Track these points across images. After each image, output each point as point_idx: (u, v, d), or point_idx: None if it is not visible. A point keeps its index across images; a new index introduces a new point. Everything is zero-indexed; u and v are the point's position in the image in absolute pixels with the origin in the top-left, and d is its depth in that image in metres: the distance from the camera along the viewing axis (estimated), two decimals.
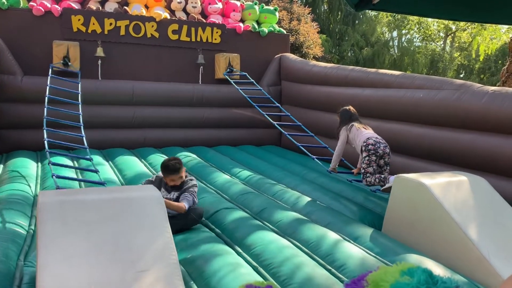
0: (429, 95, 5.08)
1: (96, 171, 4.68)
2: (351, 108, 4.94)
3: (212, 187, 4.95)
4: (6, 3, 6.43)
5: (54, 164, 4.59)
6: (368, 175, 4.46)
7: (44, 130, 5.00)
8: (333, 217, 3.89)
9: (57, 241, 2.42)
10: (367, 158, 4.46)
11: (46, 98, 5.49)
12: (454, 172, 3.92)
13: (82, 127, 5.37)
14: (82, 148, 5.22)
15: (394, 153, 5.42)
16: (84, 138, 5.18)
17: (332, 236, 3.37)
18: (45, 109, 5.33)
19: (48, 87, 5.69)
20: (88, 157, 4.95)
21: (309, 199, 4.43)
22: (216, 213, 3.93)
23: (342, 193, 4.79)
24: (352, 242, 3.38)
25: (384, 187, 4.30)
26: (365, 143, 4.49)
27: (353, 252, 3.09)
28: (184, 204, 3.56)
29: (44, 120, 5.15)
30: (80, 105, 5.75)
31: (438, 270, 2.85)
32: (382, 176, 4.39)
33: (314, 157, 5.41)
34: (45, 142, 4.83)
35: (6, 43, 6.28)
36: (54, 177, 4.18)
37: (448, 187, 3.49)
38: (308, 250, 3.22)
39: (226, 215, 3.81)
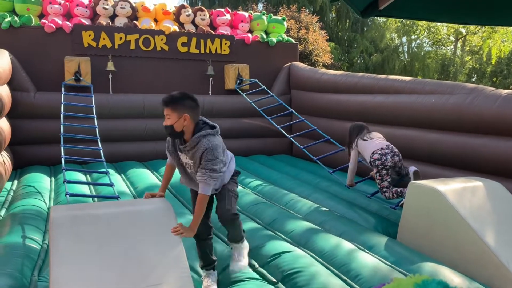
0: (441, 100, 5.02)
1: (111, 185, 4.70)
2: (358, 123, 4.90)
3: None
4: (18, 21, 6.55)
5: (69, 182, 4.62)
6: (385, 189, 4.41)
7: (62, 148, 5.02)
8: (347, 226, 3.84)
9: (69, 256, 2.42)
10: (378, 174, 4.41)
11: (62, 116, 5.53)
12: (469, 177, 3.85)
13: (99, 140, 5.41)
14: (99, 162, 5.26)
15: (407, 159, 5.36)
16: (101, 151, 5.22)
17: (347, 245, 3.33)
18: (61, 126, 5.36)
19: (62, 105, 5.74)
20: (104, 170, 4.98)
21: (322, 208, 4.38)
22: None
23: (356, 202, 4.74)
24: (367, 251, 3.33)
25: (402, 202, 4.22)
26: (372, 159, 4.43)
27: (368, 261, 3.04)
28: (202, 196, 2.69)
29: (62, 137, 5.18)
30: (95, 118, 5.81)
31: (455, 278, 2.79)
32: (399, 189, 4.33)
33: (331, 170, 5.40)
34: (62, 159, 4.85)
35: (19, 60, 6.38)
36: (67, 196, 4.20)
37: (463, 193, 3.42)
38: (322, 260, 3.18)
39: None
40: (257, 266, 3.15)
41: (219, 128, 2.91)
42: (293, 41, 8.93)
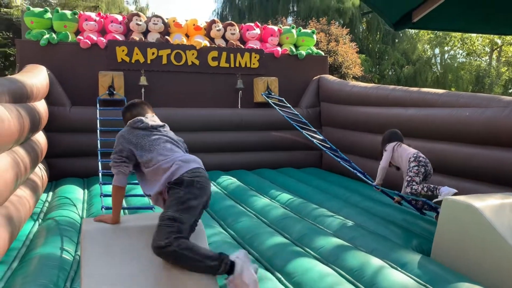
0: (476, 113, 4.87)
1: (146, 195, 4.74)
2: (397, 131, 4.86)
3: (252, 211, 4.92)
4: (56, 38, 6.81)
5: (105, 195, 4.70)
6: (414, 183, 4.30)
7: (99, 163, 5.12)
8: (379, 242, 3.74)
9: (100, 268, 2.45)
10: (416, 168, 4.34)
11: (98, 131, 5.65)
12: (507, 193, 3.70)
13: None
14: (131, 174, 5.32)
15: (441, 174, 5.21)
16: None
17: (378, 263, 3.23)
18: (98, 141, 5.47)
19: (98, 120, 5.89)
20: (137, 181, 5.03)
21: (352, 223, 4.29)
22: (255, 236, 3.88)
23: (388, 217, 4.62)
24: (399, 269, 3.23)
25: (437, 200, 4.06)
26: (415, 155, 4.43)
27: (400, 280, 2.94)
28: (112, 186, 2.70)
29: (99, 152, 5.28)
30: None
31: None
32: (432, 185, 4.21)
33: (374, 184, 4.91)
34: (100, 174, 4.94)
35: (55, 75, 6.61)
36: (103, 209, 4.27)
37: (501, 209, 3.28)
38: (351, 278, 3.09)
39: (265, 240, 3.75)
40: (285, 281, 3.10)
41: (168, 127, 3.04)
42: (323, 53, 8.90)
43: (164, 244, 2.41)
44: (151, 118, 2.99)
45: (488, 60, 25.89)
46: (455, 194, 4.01)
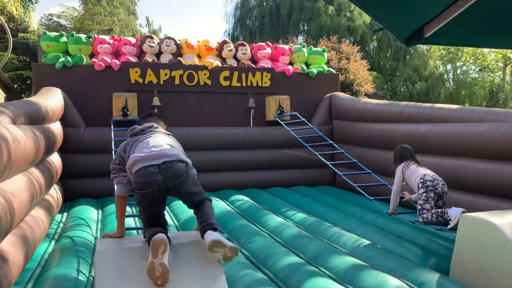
0: (491, 128, 4.80)
1: None
2: (408, 146, 4.77)
3: (266, 230, 4.87)
4: (71, 61, 6.95)
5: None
6: (424, 211, 4.21)
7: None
8: (395, 261, 3.66)
9: None
10: (424, 194, 4.23)
11: (113, 152, 5.69)
12: None
13: None
14: None
15: (458, 190, 5.12)
16: None
17: (395, 282, 3.16)
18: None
19: (113, 141, 5.95)
20: None
21: (368, 242, 4.22)
22: (269, 256, 3.83)
23: (404, 235, 4.53)
24: None
25: (450, 226, 4.00)
26: (422, 180, 4.30)
27: None
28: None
29: None
30: None
31: None
32: (439, 210, 4.13)
33: (372, 198, 5.12)
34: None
35: (70, 97, 6.72)
36: None
37: None
38: None
39: (279, 260, 3.69)
40: None
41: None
42: (334, 71, 8.93)
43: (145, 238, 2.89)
44: (146, 125, 3.16)
45: (501, 75, 25.67)
46: (464, 212, 3.92)
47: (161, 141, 3.11)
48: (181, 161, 3.00)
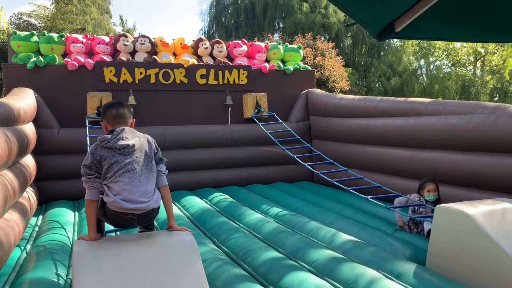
0: (463, 121, 4.93)
1: None
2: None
3: (245, 227, 4.89)
4: (43, 61, 6.80)
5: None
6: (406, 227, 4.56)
7: None
8: (373, 253, 3.72)
9: None
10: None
11: (88, 149, 5.59)
12: (497, 199, 3.72)
13: None
14: None
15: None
16: None
17: (373, 274, 3.22)
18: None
19: (88, 138, 5.85)
20: None
21: (346, 236, 4.28)
22: (248, 252, 3.84)
23: (381, 228, 4.62)
24: (395, 279, 3.21)
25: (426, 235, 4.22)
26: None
27: None
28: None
29: None
30: None
31: None
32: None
33: (367, 197, 4.88)
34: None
35: (43, 98, 6.58)
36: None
37: (493, 215, 3.30)
38: None
39: (259, 255, 3.71)
40: None
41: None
42: (310, 68, 8.99)
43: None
44: (123, 135, 2.78)
45: (472, 70, 26.32)
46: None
47: (143, 178, 2.76)
48: (158, 208, 2.95)
